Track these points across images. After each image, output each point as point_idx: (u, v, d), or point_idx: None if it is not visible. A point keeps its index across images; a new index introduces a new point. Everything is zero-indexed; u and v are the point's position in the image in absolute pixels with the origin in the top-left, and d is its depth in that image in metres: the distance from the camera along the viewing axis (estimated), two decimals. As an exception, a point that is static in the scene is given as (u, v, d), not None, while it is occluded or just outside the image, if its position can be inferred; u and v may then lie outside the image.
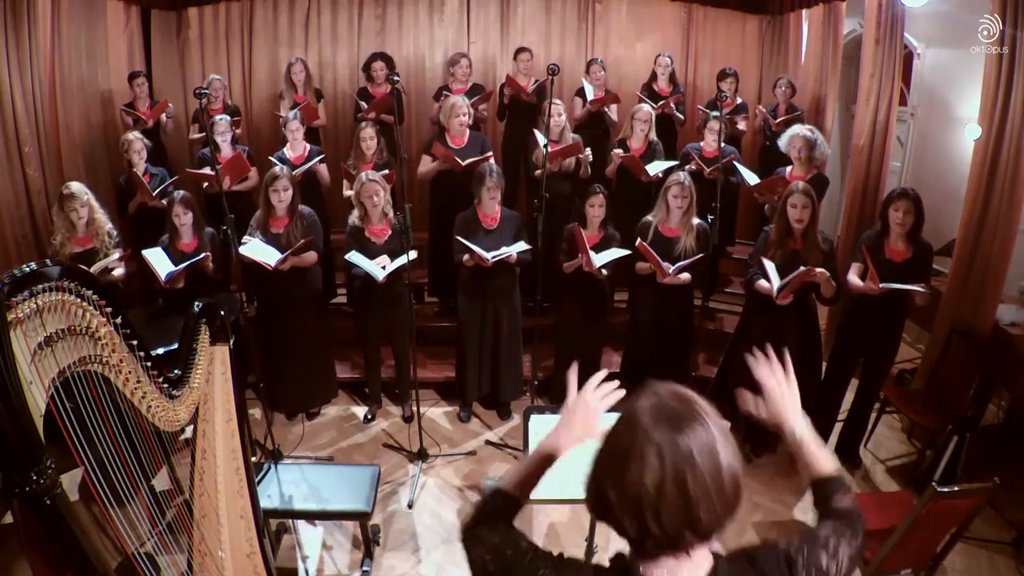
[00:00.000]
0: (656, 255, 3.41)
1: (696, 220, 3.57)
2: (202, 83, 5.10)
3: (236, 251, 3.29)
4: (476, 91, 4.94)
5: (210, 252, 3.53)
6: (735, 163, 4.28)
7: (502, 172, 3.74)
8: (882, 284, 3.14)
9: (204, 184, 4.32)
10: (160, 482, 2.04)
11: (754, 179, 4.16)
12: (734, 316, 4.50)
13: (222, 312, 2.06)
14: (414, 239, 3.35)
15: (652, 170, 4.17)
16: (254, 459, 2.68)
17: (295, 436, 3.91)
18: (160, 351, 2.29)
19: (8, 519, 2.57)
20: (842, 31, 5.00)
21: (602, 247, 3.62)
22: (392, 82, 4.59)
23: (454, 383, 4.19)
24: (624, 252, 3.55)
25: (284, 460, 3.58)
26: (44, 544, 1.21)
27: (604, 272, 3.57)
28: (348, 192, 4.06)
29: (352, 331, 4.40)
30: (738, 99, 5.18)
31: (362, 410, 4.19)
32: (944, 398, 3.62)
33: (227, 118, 4.44)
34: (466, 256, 3.60)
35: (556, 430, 1.23)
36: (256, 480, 2.22)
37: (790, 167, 4.05)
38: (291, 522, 3.12)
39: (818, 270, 3.10)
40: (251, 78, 5.70)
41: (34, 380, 1.18)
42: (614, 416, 0.97)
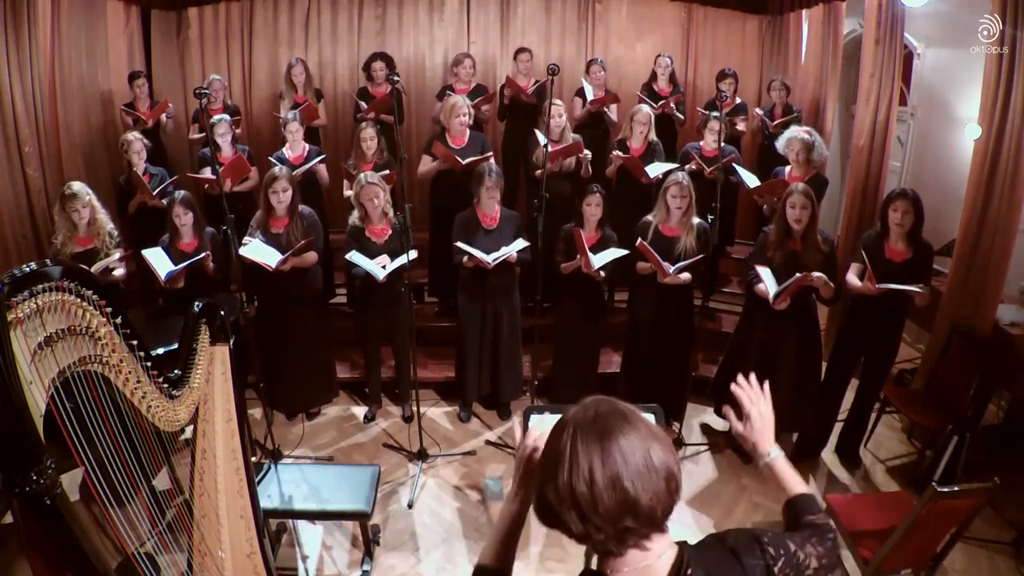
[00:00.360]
0: (656, 255, 3.41)
1: (696, 220, 3.57)
2: (202, 83, 5.10)
3: (236, 251, 3.29)
4: (479, 92, 4.93)
5: (210, 252, 3.53)
6: (735, 164, 4.28)
7: (502, 172, 3.74)
8: (880, 285, 3.14)
9: (205, 185, 4.33)
10: (160, 482, 2.04)
11: (754, 181, 4.16)
12: (734, 316, 4.50)
13: (222, 312, 2.05)
14: (414, 239, 3.36)
15: (652, 172, 4.17)
16: (254, 459, 2.68)
17: (295, 436, 3.91)
18: (160, 351, 2.30)
19: (8, 519, 2.57)
20: (842, 31, 5.00)
21: (600, 247, 3.62)
22: (392, 82, 4.60)
23: (454, 383, 4.19)
24: (622, 252, 3.55)
25: (284, 460, 3.59)
26: (44, 544, 1.21)
27: (603, 274, 3.57)
28: (348, 192, 4.06)
29: (352, 331, 4.41)
30: (737, 99, 5.18)
31: (362, 410, 4.19)
32: (944, 398, 3.61)
33: (227, 118, 4.43)
34: (466, 257, 3.60)
35: (512, 487, 1.23)
36: (256, 480, 2.22)
37: (789, 167, 4.05)
38: (291, 522, 3.12)
39: (814, 274, 3.09)
40: (251, 78, 5.71)
41: (34, 380, 1.17)
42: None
